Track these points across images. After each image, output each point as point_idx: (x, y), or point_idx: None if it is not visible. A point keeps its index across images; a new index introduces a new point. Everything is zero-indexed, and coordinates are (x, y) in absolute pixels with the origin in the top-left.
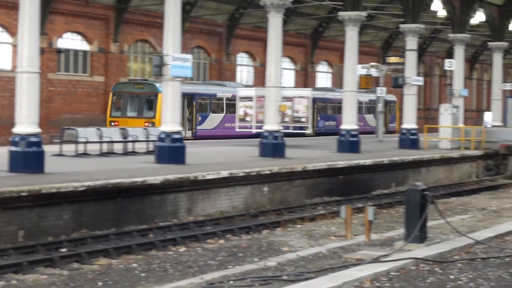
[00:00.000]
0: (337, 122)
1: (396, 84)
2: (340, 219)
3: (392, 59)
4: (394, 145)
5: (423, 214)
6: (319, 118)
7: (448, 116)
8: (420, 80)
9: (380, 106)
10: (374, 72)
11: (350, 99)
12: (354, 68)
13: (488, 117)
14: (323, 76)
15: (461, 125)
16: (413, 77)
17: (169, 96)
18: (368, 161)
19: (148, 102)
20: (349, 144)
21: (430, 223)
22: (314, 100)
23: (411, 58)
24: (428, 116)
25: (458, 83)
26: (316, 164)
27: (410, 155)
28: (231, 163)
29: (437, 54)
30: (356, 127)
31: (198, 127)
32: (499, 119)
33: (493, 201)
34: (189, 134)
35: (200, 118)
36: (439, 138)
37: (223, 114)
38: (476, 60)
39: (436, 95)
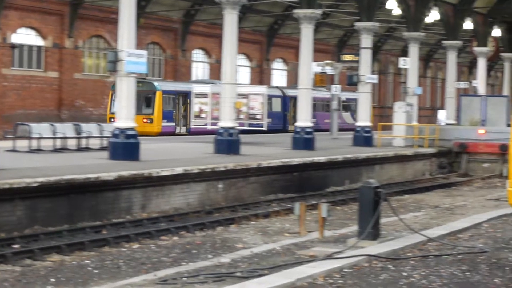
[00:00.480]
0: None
1: (351, 82)
2: (294, 216)
3: (347, 57)
4: (348, 143)
5: (376, 211)
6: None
7: (402, 114)
8: (374, 78)
9: (335, 104)
10: (329, 70)
11: (304, 96)
12: (309, 66)
13: (442, 115)
14: (279, 74)
15: (415, 123)
16: (367, 75)
17: (123, 92)
18: (322, 158)
19: (146, 100)
20: (304, 141)
21: (383, 220)
22: (270, 97)
23: (365, 56)
24: (382, 114)
25: (412, 81)
26: (270, 161)
27: (364, 152)
28: (186, 159)
29: (392, 52)
30: (310, 124)
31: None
32: (453, 117)
33: (446, 199)
34: (183, 130)
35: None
36: (393, 135)
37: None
38: (431, 58)
39: (391, 93)
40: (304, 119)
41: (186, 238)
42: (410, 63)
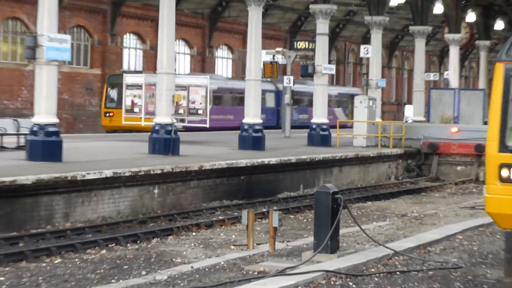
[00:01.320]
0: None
1: (305, 72)
2: (241, 226)
3: (301, 44)
4: (303, 142)
5: (335, 221)
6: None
7: (363, 110)
8: (332, 69)
9: (287, 98)
10: (280, 59)
11: (253, 89)
12: (258, 54)
13: (409, 111)
14: (223, 63)
15: (378, 119)
16: (324, 65)
17: (43, 82)
18: (273, 160)
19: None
20: (252, 141)
21: (343, 231)
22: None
23: (322, 44)
24: None
25: (375, 73)
26: (214, 162)
27: (321, 153)
28: (116, 160)
29: (352, 39)
30: (260, 121)
31: None
32: (421, 114)
33: (415, 206)
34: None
35: None
36: (354, 134)
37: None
38: (396, 46)
39: (350, 85)
40: (252, 115)
41: (116, 251)
42: (372, 52)
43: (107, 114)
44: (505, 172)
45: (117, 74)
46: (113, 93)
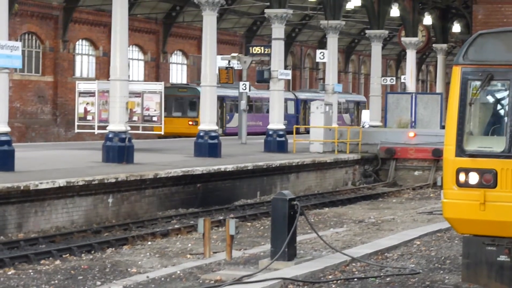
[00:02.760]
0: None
1: (261, 78)
2: (198, 234)
3: (257, 50)
4: (259, 148)
5: (292, 228)
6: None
7: (320, 115)
8: (288, 74)
9: (243, 104)
10: (236, 65)
11: (209, 95)
12: (213, 60)
13: (365, 116)
14: (178, 68)
15: (334, 125)
16: (280, 70)
17: None
18: (229, 167)
19: (191, 104)
20: (208, 147)
21: (300, 238)
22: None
23: (278, 48)
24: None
25: (331, 77)
26: (170, 170)
27: (278, 159)
28: (69, 169)
29: (308, 44)
30: (215, 127)
31: (227, 125)
32: (378, 118)
33: (372, 212)
34: (220, 131)
35: (228, 117)
36: (310, 140)
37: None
38: (353, 50)
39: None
40: (208, 121)
41: (70, 262)
42: (328, 56)
43: None
44: (462, 177)
45: (166, 87)
46: (164, 104)
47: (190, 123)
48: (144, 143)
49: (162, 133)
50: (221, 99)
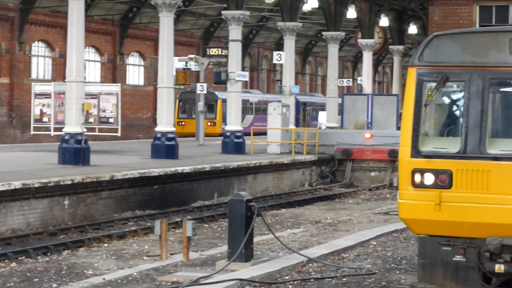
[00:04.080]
0: None
1: (219, 79)
2: (155, 236)
3: (214, 51)
4: (216, 150)
5: (249, 229)
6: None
7: (277, 117)
8: (245, 76)
9: (200, 105)
10: (193, 66)
11: (166, 96)
12: (170, 61)
13: (322, 117)
14: (135, 70)
15: (292, 126)
16: (237, 71)
17: None
18: (187, 168)
19: (209, 107)
20: (166, 149)
21: (257, 239)
22: None
23: (235, 50)
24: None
25: (288, 79)
26: (126, 172)
27: (235, 161)
28: (25, 171)
29: (265, 46)
30: (173, 129)
31: None
32: (335, 120)
33: (328, 213)
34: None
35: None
36: (268, 141)
37: (253, 115)
38: (310, 52)
39: (264, 92)
40: (165, 123)
41: (26, 264)
42: (285, 58)
43: (180, 124)
44: (417, 177)
45: (186, 91)
46: (184, 107)
47: (209, 124)
48: (100, 145)
49: (119, 135)
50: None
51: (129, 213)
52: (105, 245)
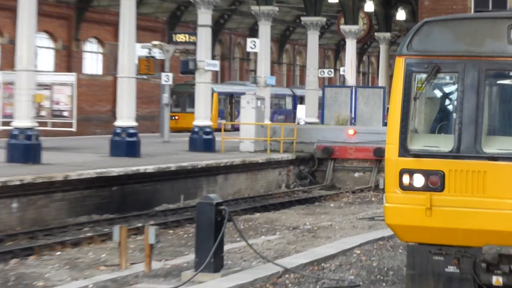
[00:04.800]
0: None
1: (186, 69)
2: (113, 244)
3: (181, 37)
4: (183, 147)
5: (219, 235)
6: None
7: (251, 111)
8: (216, 65)
9: (165, 98)
10: (157, 54)
11: (127, 87)
12: (131, 48)
13: (301, 111)
14: (93, 58)
15: (267, 121)
16: (207, 60)
17: None
18: (150, 168)
19: None
20: (126, 146)
21: (228, 247)
22: None
23: (204, 36)
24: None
25: (263, 69)
26: (82, 172)
27: (204, 159)
28: None
29: (238, 32)
30: (135, 124)
31: (236, 120)
32: (315, 115)
33: (308, 218)
34: (229, 126)
35: (237, 112)
36: (240, 138)
37: None
38: (287, 39)
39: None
40: (126, 116)
41: None
42: (260, 46)
43: (173, 118)
44: (406, 179)
45: (180, 84)
46: (178, 100)
47: None
48: (53, 141)
49: (74, 130)
50: (230, 96)
51: (84, 217)
52: (58, 253)
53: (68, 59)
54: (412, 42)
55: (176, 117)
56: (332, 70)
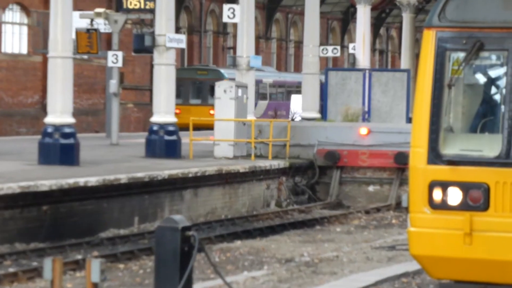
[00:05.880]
0: None
1: (141, 46)
2: (44, 282)
3: (134, 3)
4: (138, 152)
5: (186, 271)
6: None
7: (229, 102)
8: (181, 40)
9: (113, 85)
10: (102, 26)
11: (61, 71)
12: (67, 18)
13: (296, 102)
14: (14, 32)
15: (251, 117)
16: (169, 34)
17: None
18: (92, 180)
19: (213, 89)
20: (60, 150)
21: (198, 286)
22: None
23: (165, 2)
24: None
25: (245, 46)
26: (1, 186)
27: (166, 168)
28: None
29: None
30: (72, 120)
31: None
32: (315, 108)
33: (306, 247)
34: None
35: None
36: (215, 139)
37: (267, 101)
38: (277, 6)
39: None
40: (60, 111)
41: None
42: (241, 14)
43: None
44: (438, 194)
45: (182, 68)
46: (180, 90)
47: (213, 112)
48: None
49: None
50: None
51: (5, 247)
52: None
53: None
54: (446, 9)
55: (177, 111)
56: (338, 48)
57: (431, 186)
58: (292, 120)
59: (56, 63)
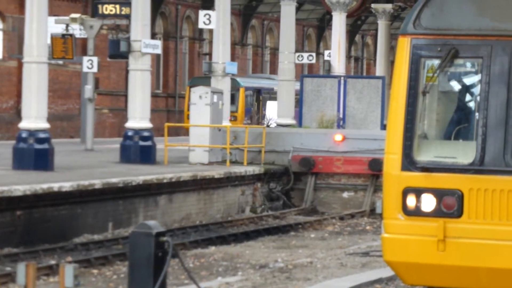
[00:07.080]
0: None
1: (117, 51)
2: (17, 287)
3: (109, 9)
4: (113, 157)
5: (160, 277)
6: None
7: (205, 109)
8: (157, 46)
9: (88, 90)
10: (78, 31)
11: (36, 76)
12: (42, 23)
13: (271, 109)
14: None
15: (226, 123)
16: (145, 40)
17: None
18: (67, 185)
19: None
20: (35, 156)
21: None
22: None
23: (142, 8)
24: (171, 107)
25: (221, 53)
26: None
27: (140, 174)
28: None
29: (188, 2)
30: (46, 125)
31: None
32: (290, 114)
33: (280, 253)
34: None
35: (264, 111)
36: (190, 145)
37: None
38: (253, 13)
39: (186, 71)
40: (35, 116)
41: None
42: (217, 21)
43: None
44: (411, 201)
45: (198, 77)
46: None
47: (229, 118)
48: None
49: None
50: (257, 91)
51: None
52: None
53: None
54: (421, 16)
55: None
56: (314, 55)
57: (405, 192)
58: (267, 126)
59: (31, 68)
